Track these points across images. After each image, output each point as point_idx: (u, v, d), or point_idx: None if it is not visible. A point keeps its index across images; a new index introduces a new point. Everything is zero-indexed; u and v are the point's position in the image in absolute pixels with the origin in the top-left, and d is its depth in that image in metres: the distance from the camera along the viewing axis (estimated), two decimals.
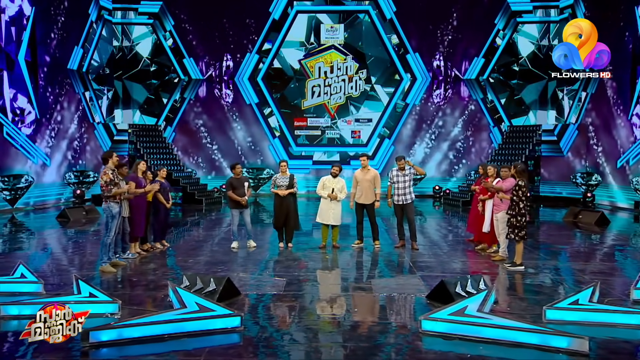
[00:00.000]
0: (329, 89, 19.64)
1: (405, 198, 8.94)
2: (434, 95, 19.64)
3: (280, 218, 8.80)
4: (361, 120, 19.99)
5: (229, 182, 8.86)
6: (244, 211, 8.90)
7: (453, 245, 9.75)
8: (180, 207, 15.78)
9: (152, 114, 19.72)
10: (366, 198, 8.88)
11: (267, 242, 9.68)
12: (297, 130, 19.98)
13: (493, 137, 19.54)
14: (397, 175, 8.96)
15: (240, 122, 19.83)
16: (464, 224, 12.89)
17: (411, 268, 7.74)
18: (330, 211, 8.77)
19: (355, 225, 9.36)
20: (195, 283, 5.95)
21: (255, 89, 19.87)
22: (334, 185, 8.80)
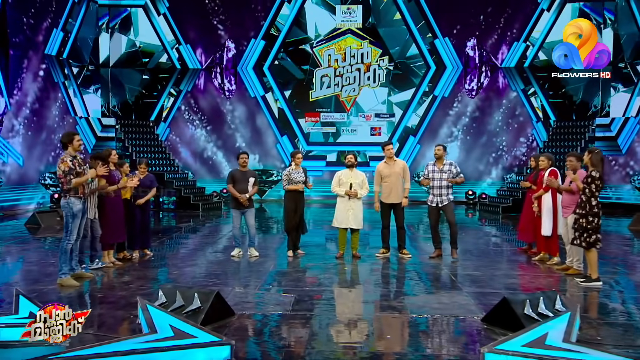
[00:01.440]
0: (341, 79, 18.93)
1: (442, 199, 8.01)
2: (466, 86, 18.84)
3: (294, 219, 8.06)
4: (382, 116, 19.20)
5: (231, 175, 8.06)
6: (246, 212, 8.07)
7: (501, 256, 8.80)
8: (173, 213, 15.04)
9: (143, 108, 19.11)
10: (396, 196, 8.04)
11: (272, 251, 8.81)
12: (308, 128, 19.26)
13: (536, 133, 18.62)
14: (434, 170, 8.05)
15: (243, 116, 19.22)
16: (510, 231, 12.07)
17: (454, 283, 6.66)
18: (350, 211, 7.93)
19: (379, 232, 8.43)
20: (174, 300, 4.90)
21: (261, 80, 19.17)
22: (352, 180, 7.92)
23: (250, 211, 8.11)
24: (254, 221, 8.15)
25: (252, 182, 8.04)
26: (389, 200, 8.07)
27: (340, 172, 8.11)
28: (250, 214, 8.11)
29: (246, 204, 7.99)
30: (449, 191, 8.02)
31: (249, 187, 7.98)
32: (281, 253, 8.58)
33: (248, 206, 8.05)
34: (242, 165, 8.07)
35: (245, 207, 8.05)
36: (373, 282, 6.84)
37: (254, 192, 8.06)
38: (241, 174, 8.06)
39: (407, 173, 8.16)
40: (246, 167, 8.14)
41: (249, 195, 7.94)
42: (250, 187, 7.99)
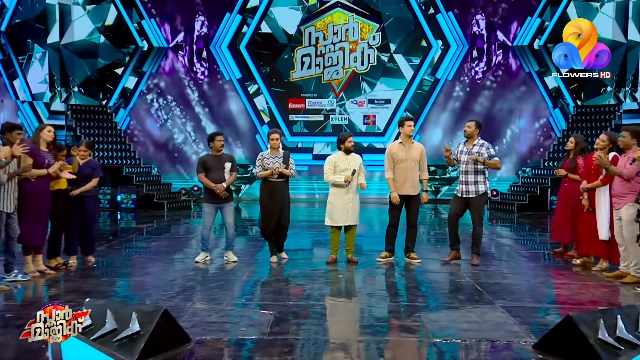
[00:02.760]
0: (322, 60, 18.14)
1: (468, 189, 7.06)
2: (473, 68, 18.18)
3: (270, 217, 7.11)
4: (377, 102, 18.51)
5: (201, 162, 7.13)
6: (224, 207, 7.14)
7: (532, 261, 7.87)
8: (133, 214, 14.07)
9: (99, 93, 18.20)
10: (411, 185, 7.15)
11: (251, 257, 7.81)
12: (292, 115, 18.50)
13: (554, 121, 17.94)
14: (462, 151, 7.14)
15: (217, 102, 18.44)
16: (531, 232, 11.34)
17: (482, 294, 5.62)
18: (348, 205, 7.03)
19: (375, 232, 7.93)
20: (103, 321, 3.77)
21: (238, 61, 18.38)
22: (350, 166, 7.02)
23: (229, 206, 7.19)
24: (233, 219, 7.24)
25: (228, 167, 7.11)
26: (403, 191, 7.14)
27: (333, 156, 7.18)
28: (228, 210, 7.18)
29: (224, 196, 7.02)
30: (479, 179, 7.02)
31: (225, 175, 7.05)
32: (261, 259, 7.60)
33: (226, 199, 7.09)
34: (218, 149, 7.10)
35: (223, 201, 7.08)
36: (377, 294, 5.82)
37: (232, 181, 7.12)
38: (215, 160, 7.10)
39: (424, 160, 7.27)
40: (221, 151, 7.18)
41: (226, 185, 7.00)
42: (227, 174, 7.07)
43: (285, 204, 7.15)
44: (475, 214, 7.08)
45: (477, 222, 7.08)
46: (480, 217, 7.10)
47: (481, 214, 7.15)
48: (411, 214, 7.22)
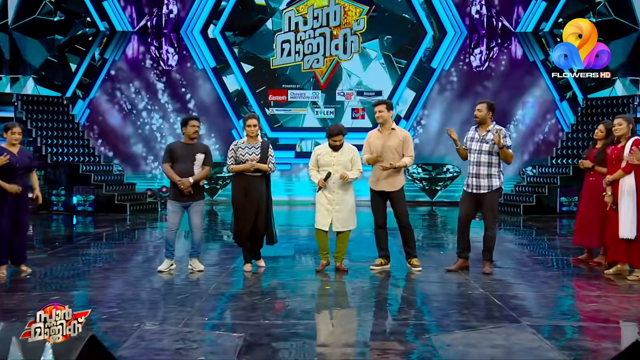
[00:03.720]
0: (302, 46, 17.65)
1: (479, 183, 6.45)
2: (472, 56, 17.70)
3: (245, 219, 6.54)
4: (366, 94, 17.93)
5: (168, 150, 6.53)
6: (190, 206, 6.53)
7: (552, 269, 7.24)
8: (91, 217, 13.30)
9: (55, 83, 17.38)
10: (388, 181, 6.62)
11: (224, 266, 7.09)
12: (272, 108, 17.90)
13: (561, 115, 17.46)
14: (473, 138, 6.57)
15: (189, 95, 17.81)
16: (541, 236, 10.81)
17: (502, 309, 4.90)
18: (332, 207, 6.50)
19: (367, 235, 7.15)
20: (7, 352, 2.95)
21: (212, 48, 17.72)
22: (335, 162, 6.49)
23: (197, 205, 6.55)
24: (201, 220, 6.64)
25: (200, 160, 6.51)
26: (379, 186, 6.64)
27: (319, 147, 6.66)
28: (195, 210, 6.55)
29: (188, 193, 6.38)
30: (492, 172, 6.40)
31: (194, 169, 6.47)
32: (234, 267, 6.92)
33: (193, 197, 6.47)
34: (191, 136, 6.50)
35: (190, 199, 6.46)
36: (373, 310, 5.10)
37: (203, 176, 6.52)
38: (185, 149, 6.50)
39: (408, 148, 6.61)
40: (195, 140, 6.58)
41: (193, 180, 6.37)
42: (198, 167, 6.49)
43: (263, 203, 6.57)
44: (488, 213, 6.44)
45: (489, 222, 6.46)
46: (493, 217, 6.49)
47: (495, 213, 6.52)
48: (398, 213, 6.62)
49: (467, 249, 6.61)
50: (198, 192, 6.52)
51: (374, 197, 6.73)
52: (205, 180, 6.72)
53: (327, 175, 6.38)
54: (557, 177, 14.32)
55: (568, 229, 11.84)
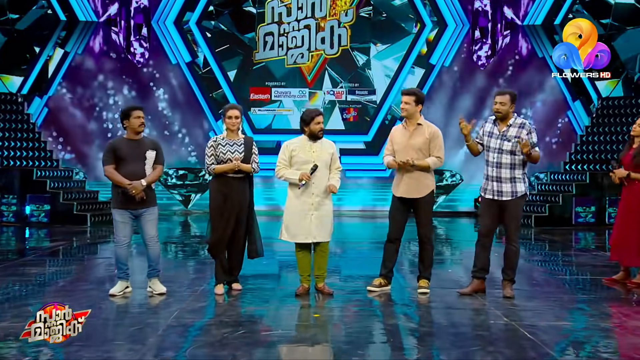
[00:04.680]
0: (285, 40, 17.33)
1: (502, 188, 5.93)
2: (475, 51, 17.36)
3: (225, 228, 6.06)
4: (358, 93, 17.57)
5: (110, 148, 5.97)
6: (142, 215, 6.02)
7: (585, 290, 6.70)
8: (46, 230, 12.75)
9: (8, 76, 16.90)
10: (411, 186, 6.08)
11: (191, 288, 6.49)
12: (255, 108, 17.46)
13: (574, 115, 17.17)
14: (491, 134, 6.03)
15: (162, 92, 17.32)
16: (563, 251, 10.41)
17: (537, 347, 4.28)
18: (310, 213, 5.96)
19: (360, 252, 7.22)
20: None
21: (186, 41, 17.27)
22: (316, 157, 5.98)
23: (150, 214, 6.04)
24: (156, 230, 6.08)
25: (151, 158, 6.01)
26: (400, 191, 6.08)
27: (291, 141, 6.12)
28: (149, 219, 6.03)
29: (140, 198, 5.83)
30: (516, 175, 5.89)
31: (145, 169, 5.97)
32: (204, 290, 6.34)
33: (146, 203, 5.96)
34: (136, 130, 5.95)
35: (140, 206, 5.93)
36: (372, 347, 4.37)
37: (156, 177, 6.06)
38: (131, 146, 5.96)
39: (436, 147, 6.11)
40: (141, 134, 6.04)
41: (146, 183, 5.86)
42: (150, 167, 6.00)
43: (244, 209, 6.12)
44: (511, 223, 5.93)
45: (513, 234, 5.93)
46: (517, 228, 5.96)
47: (519, 224, 5.99)
48: (419, 223, 6.09)
49: (485, 268, 6.04)
50: (150, 197, 6.01)
51: (393, 203, 6.22)
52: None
53: (314, 168, 5.81)
54: (572, 184, 13.85)
55: (587, 242, 11.43)
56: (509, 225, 5.91)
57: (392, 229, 6.12)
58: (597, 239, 11.68)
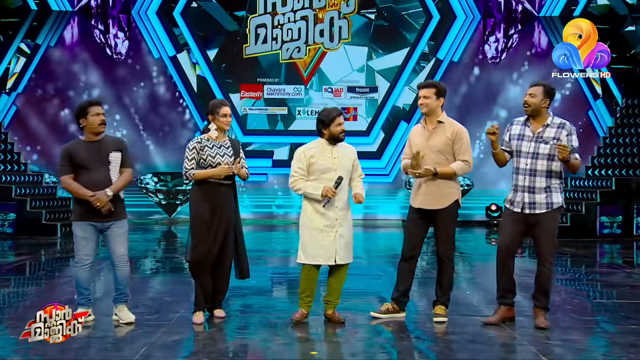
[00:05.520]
0: (280, 32, 17.15)
1: (535, 199, 5.50)
2: (487, 46, 17.15)
3: (210, 243, 5.62)
4: (359, 90, 17.37)
5: (67, 153, 5.49)
6: (109, 228, 5.57)
7: (630, 321, 6.04)
8: (10, 241, 12.39)
9: None
10: (433, 194, 5.70)
11: (165, 315, 5.99)
12: (246, 107, 17.25)
13: (595, 116, 16.96)
14: (522, 136, 5.61)
15: (143, 89, 17.08)
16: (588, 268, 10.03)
17: None
18: (335, 231, 5.57)
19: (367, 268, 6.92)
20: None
21: (170, 33, 17.01)
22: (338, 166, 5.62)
23: (119, 227, 5.59)
24: (125, 248, 5.63)
25: (116, 160, 5.59)
26: (417, 201, 5.73)
27: (306, 147, 5.67)
28: (117, 233, 5.58)
29: (109, 209, 5.42)
30: (552, 184, 5.48)
31: (110, 175, 5.53)
32: (182, 317, 5.81)
33: (113, 215, 5.51)
34: (95, 129, 5.52)
35: (106, 218, 5.48)
36: None
37: (125, 183, 5.60)
38: (91, 149, 5.50)
39: (462, 149, 5.71)
40: (102, 134, 5.59)
41: (113, 191, 5.42)
42: (116, 172, 5.57)
43: (233, 222, 5.73)
44: (545, 240, 5.44)
45: (547, 253, 5.46)
46: (552, 246, 5.48)
47: (554, 241, 5.50)
48: (438, 239, 5.73)
49: (512, 291, 5.59)
50: (119, 208, 5.54)
51: (409, 215, 5.86)
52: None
53: (338, 181, 5.45)
54: (596, 191, 13.51)
55: (612, 256, 11.13)
56: (542, 243, 5.44)
57: (407, 245, 5.75)
58: (625, 252, 11.37)
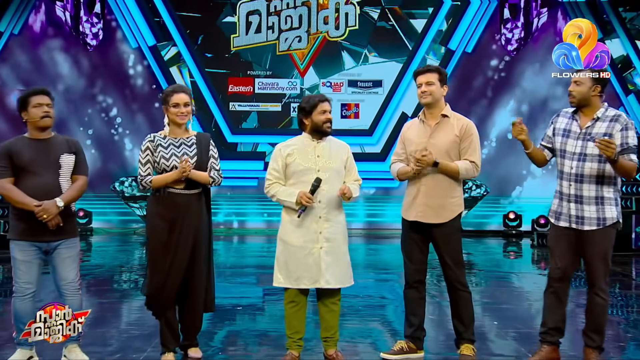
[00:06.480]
0: (277, 20, 16.93)
1: (584, 213, 4.98)
2: (504, 34, 16.97)
3: (167, 268, 5.03)
4: (361, 85, 17.20)
5: (4, 153, 5.01)
6: (56, 249, 5.00)
7: None
8: None
9: None
10: (434, 206, 5.21)
11: (128, 356, 5.51)
12: (234, 103, 16.98)
13: (626, 113, 16.35)
14: (568, 132, 5.14)
15: (118, 83, 16.89)
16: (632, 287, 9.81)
17: None
18: (319, 247, 5.03)
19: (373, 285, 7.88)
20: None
21: (149, 19, 16.75)
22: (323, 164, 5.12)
23: (68, 247, 5.04)
24: (77, 273, 5.08)
25: (68, 164, 5.07)
26: (412, 214, 5.22)
27: (285, 143, 5.25)
28: (65, 255, 5.02)
29: (57, 224, 4.87)
30: (605, 194, 4.97)
31: (61, 181, 5.01)
32: (150, 358, 5.37)
33: (61, 233, 4.98)
34: (40, 123, 5.01)
35: (54, 236, 4.95)
36: None
37: (76, 194, 5.03)
38: (35, 148, 5.01)
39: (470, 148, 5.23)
40: (49, 131, 5.10)
41: (64, 202, 4.90)
42: (66, 180, 5.05)
43: (203, 241, 5.14)
44: (597, 263, 4.98)
45: (599, 279, 5.03)
46: (606, 271, 5.01)
47: (608, 264, 5.00)
48: (444, 263, 5.22)
49: (560, 329, 5.09)
50: (69, 223, 5.00)
51: (404, 232, 5.34)
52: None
53: (316, 184, 4.90)
54: (631, 198, 13.23)
55: None
56: (594, 267, 4.92)
57: (410, 268, 5.25)
58: None
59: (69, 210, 4.97)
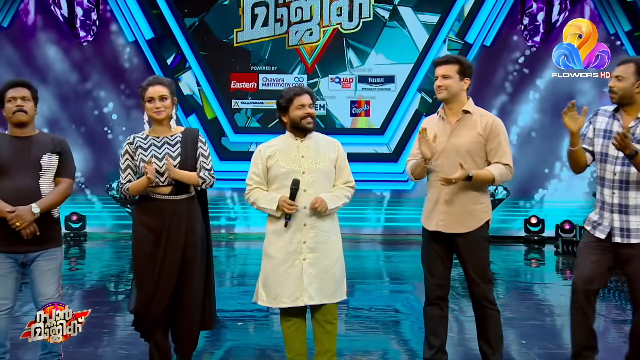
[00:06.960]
0: (286, 12, 17.03)
1: (631, 224, 4.64)
2: (525, 27, 16.88)
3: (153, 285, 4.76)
4: (372, 80, 17.12)
5: None
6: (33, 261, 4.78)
7: None
8: None
9: None
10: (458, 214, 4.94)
11: None
12: (237, 100, 16.97)
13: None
14: (609, 131, 4.81)
15: (114, 80, 16.85)
16: None
17: None
18: (302, 258, 4.77)
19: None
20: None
21: (147, 11, 16.78)
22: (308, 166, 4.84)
23: (47, 259, 4.76)
24: (56, 289, 4.82)
25: (50, 166, 4.82)
26: (433, 223, 4.94)
27: (267, 144, 5.02)
28: (45, 268, 4.76)
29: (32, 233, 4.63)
30: None
31: (40, 184, 4.79)
32: None
33: (40, 242, 4.74)
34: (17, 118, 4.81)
35: (31, 247, 4.71)
36: None
37: (57, 200, 4.77)
38: (14, 147, 4.80)
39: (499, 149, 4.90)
40: (28, 127, 4.90)
41: (41, 209, 4.63)
42: (47, 183, 4.83)
43: (195, 254, 4.82)
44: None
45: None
46: None
47: None
48: (469, 277, 4.91)
49: (592, 347, 4.84)
50: (50, 231, 4.70)
51: (425, 243, 5.09)
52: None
53: (294, 187, 4.62)
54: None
55: None
56: (638, 285, 4.55)
57: (431, 283, 4.96)
58: None
59: (50, 217, 4.69)
